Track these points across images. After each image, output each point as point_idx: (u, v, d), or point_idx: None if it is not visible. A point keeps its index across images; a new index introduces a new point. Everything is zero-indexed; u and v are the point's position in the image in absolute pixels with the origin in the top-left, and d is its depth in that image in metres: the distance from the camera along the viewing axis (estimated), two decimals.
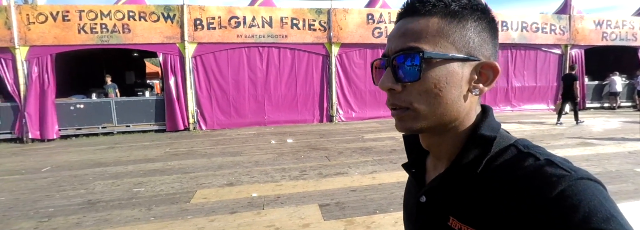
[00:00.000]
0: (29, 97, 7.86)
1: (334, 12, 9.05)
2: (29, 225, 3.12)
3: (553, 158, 0.45)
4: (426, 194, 0.55)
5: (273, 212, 3.15)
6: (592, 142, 5.88)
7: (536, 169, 0.43)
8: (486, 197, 0.46)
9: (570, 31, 10.27)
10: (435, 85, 0.48)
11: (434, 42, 0.48)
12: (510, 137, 0.52)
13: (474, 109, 0.52)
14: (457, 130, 0.52)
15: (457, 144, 0.51)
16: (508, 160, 0.47)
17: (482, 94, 0.51)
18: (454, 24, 0.49)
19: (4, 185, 4.45)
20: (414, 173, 0.60)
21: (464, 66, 0.49)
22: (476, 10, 0.50)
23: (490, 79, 0.50)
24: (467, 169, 0.49)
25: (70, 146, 7.13)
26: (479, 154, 0.49)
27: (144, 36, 8.28)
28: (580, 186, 0.40)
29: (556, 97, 10.57)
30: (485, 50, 0.50)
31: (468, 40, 0.49)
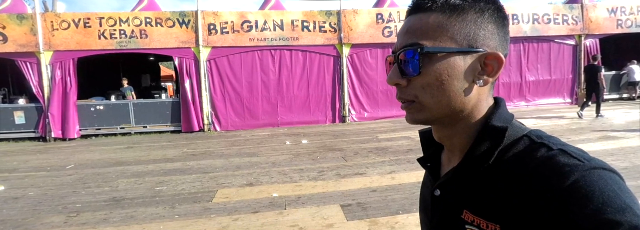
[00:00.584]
0: (52, 98, 8.12)
1: (343, 14, 9.12)
2: (59, 219, 3.24)
3: (566, 147, 0.45)
4: (440, 187, 0.55)
5: (295, 212, 3.20)
6: (615, 135, 5.79)
7: (549, 158, 0.43)
8: (499, 188, 0.46)
9: (583, 21, 10.03)
10: (436, 79, 0.49)
11: (433, 36, 0.49)
12: (524, 128, 0.51)
13: (483, 101, 0.52)
14: (468, 122, 0.52)
15: (468, 136, 0.52)
16: (521, 151, 0.47)
17: (487, 85, 0.51)
18: (453, 17, 0.49)
19: (32, 181, 4.61)
20: (429, 167, 0.61)
21: (465, 58, 0.49)
22: (478, 2, 0.50)
23: (495, 69, 0.50)
24: (479, 161, 0.49)
25: (91, 145, 7.33)
26: (491, 145, 0.49)
27: (161, 41, 8.49)
28: (594, 176, 0.40)
29: (572, 89, 10.38)
30: (489, 41, 0.50)
31: (468, 32, 0.49)
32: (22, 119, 8.23)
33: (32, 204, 3.71)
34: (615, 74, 10.70)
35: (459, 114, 0.51)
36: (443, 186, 0.55)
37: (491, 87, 0.53)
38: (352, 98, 9.26)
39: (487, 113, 0.52)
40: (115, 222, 3.13)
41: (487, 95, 0.52)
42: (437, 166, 0.60)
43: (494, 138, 0.49)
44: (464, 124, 0.52)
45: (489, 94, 0.53)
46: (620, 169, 4.01)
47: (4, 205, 3.68)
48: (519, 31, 9.83)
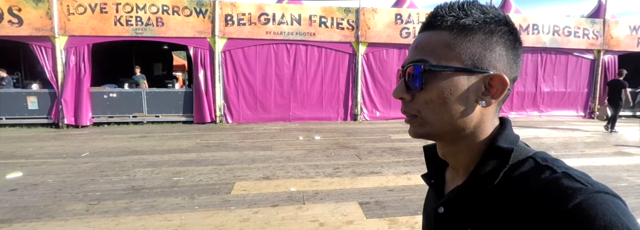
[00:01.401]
0: (66, 84, 8.15)
1: (362, 11, 9.05)
2: (81, 207, 3.27)
3: (570, 171, 0.45)
4: (444, 205, 0.55)
5: (314, 207, 3.21)
6: (629, 151, 5.73)
7: (553, 181, 0.43)
8: (503, 209, 0.46)
9: (603, 36, 9.99)
10: (439, 96, 0.50)
11: (440, 54, 0.50)
12: (529, 149, 0.52)
13: (487, 121, 0.52)
14: (471, 141, 0.52)
15: (472, 155, 0.52)
16: (525, 172, 0.47)
17: (490, 106, 0.51)
18: (460, 37, 0.50)
19: (49, 168, 4.65)
20: (433, 184, 0.61)
21: (470, 78, 0.50)
22: (489, 23, 0.50)
23: (499, 91, 0.50)
24: (484, 181, 0.49)
25: (104, 133, 7.37)
26: (497, 166, 0.49)
27: (177, 30, 8.48)
28: (597, 199, 0.40)
29: (586, 103, 10.31)
30: (496, 62, 0.50)
31: (474, 52, 0.49)
32: (35, 104, 8.29)
33: (52, 191, 3.74)
34: (631, 91, 10.59)
35: (460, 132, 0.52)
36: (447, 204, 0.55)
37: (497, 108, 0.53)
38: (365, 97, 9.24)
39: (493, 133, 0.52)
40: (136, 211, 3.15)
41: (493, 115, 0.53)
42: (441, 183, 0.61)
43: (500, 159, 0.49)
44: (468, 142, 0.52)
45: (494, 115, 0.53)
46: (636, 185, 3.97)
47: (24, 192, 3.71)
48: (538, 42, 9.73)
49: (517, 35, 0.52)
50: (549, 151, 5.62)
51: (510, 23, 0.52)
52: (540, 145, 6.07)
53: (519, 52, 0.52)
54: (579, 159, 5.20)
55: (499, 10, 0.52)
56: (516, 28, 0.52)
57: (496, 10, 0.51)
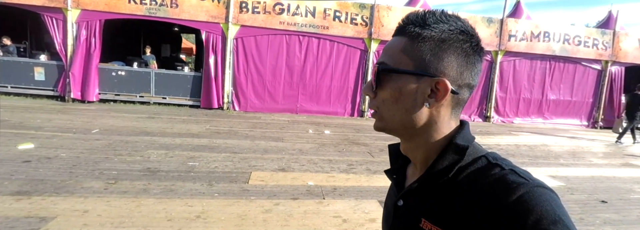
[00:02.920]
0: (75, 58, 8.02)
1: (377, 8, 8.99)
2: (99, 185, 3.25)
3: (516, 169, 0.51)
4: (403, 198, 0.60)
5: (335, 203, 3.22)
6: (637, 163, 5.83)
7: (500, 176, 0.49)
8: (455, 200, 0.51)
9: (612, 47, 10.06)
10: (392, 95, 0.56)
11: (396, 58, 0.56)
12: (482, 149, 0.57)
13: (441, 121, 0.56)
14: (427, 139, 0.57)
15: (429, 152, 0.57)
16: (478, 168, 0.52)
17: (436, 107, 0.55)
18: (415, 44, 0.55)
19: (60, 141, 4.60)
20: (395, 179, 0.65)
21: (419, 81, 0.54)
22: (443, 32, 0.54)
23: (442, 95, 0.54)
24: (440, 175, 0.54)
25: (111, 111, 7.29)
26: (453, 161, 0.54)
27: (190, 13, 8.35)
28: (536, 193, 0.46)
29: (590, 113, 10.42)
30: (445, 68, 0.54)
31: (424, 58, 0.54)
32: (42, 75, 8.15)
33: (67, 166, 3.70)
34: None
35: (411, 129, 0.57)
36: (406, 197, 0.59)
37: (452, 111, 0.57)
38: None
39: (451, 133, 0.57)
40: (156, 194, 3.14)
41: (449, 117, 0.57)
42: (403, 178, 0.65)
43: (456, 155, 0.54)
44: (423, 140, 0.57)
45: (450, 117, 0.57)
46: None
47: (38, 165, 3.67)
48: (548, 49, 9.78)
49: (474, 45, 0.55)
50: (557, 160, 5.71)
51: (469, 33, 0.55)
52: (549, 153, 6.15)
53: (473, 60, 0.56)
54: (588, 168, 5.29)
55: (460, 20, 0.56)
56: (476, 38, 0.56)
57: (456, 21, 0.55)
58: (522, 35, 9.74)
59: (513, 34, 9.69)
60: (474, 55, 0.56)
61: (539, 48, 9.71)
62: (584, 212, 3.42)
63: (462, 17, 0.57)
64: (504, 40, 9.63)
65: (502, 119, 10.01)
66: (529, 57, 9.90)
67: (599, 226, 3.10)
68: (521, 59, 9.89)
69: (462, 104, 0.58)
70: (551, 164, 5.44)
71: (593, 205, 3.63)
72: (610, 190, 4.19)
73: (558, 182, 4.41)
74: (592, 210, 3.49)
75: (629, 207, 3.65)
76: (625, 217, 3.37)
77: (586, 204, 3.68)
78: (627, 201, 3.86)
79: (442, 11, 0.56)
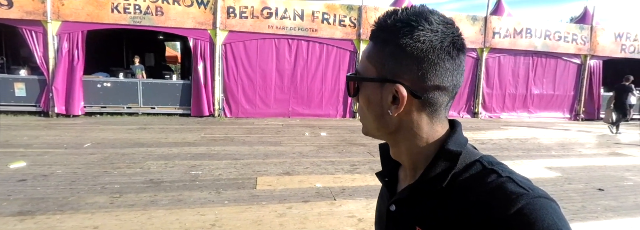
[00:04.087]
0: (57, 71, 7.76)
1: (364, 9, 9.09)
2: (103, 200, 3.15)
3: (514, 176, 0.48)
4: (395, 203, 0.57)
5: (347, 203, 3.23)
6: (623, 152, 6.08)
7: (498, 185, 0.46)
8: (451, 210, 0.49)
9: (590, 41, 10.43)
10: (363, 102, 0.55)
11: (364, 65, 0.55)
12: (476, 152, 0.54)
13: (416, 127, 0.53)
14: (409, 145, 0.55)
15: (416, 158, 0.55)
16: (473, 175, 0.50)
17: (400, 114, 0.52)
18: (377, 48, 0.53)
19: (53, 158, 4.44)
20: (387, 182, 0.63)
21: (382, 88, 0.52)
22: (402, 34, 0.50)
23: (400, 101, 0.51)
24: (433, 182, 0.52)
25: (99, 124, 7.09)
26: (446, 168, 0.51)
27: (177, 20, 8.24)
28: (537, 204, 0.43)
29: (572, 106, 10.78)
30: (404, 74, 0.51)
31: (384, 63, 0.52)
32: (23, 91, 7.85)
33: (65, 182, 3.57)
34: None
35: (390, 136, 0.56)
36: (398, 203, 0.57)
37: (428, 115, 0.53)
38: None
39: (442, 138, 0.54)
40: (165, 205, 3.07)
41: (425, 122, 0.53)
42: (395, 181, 0.63)
43: (449, 161, 0.52)
44: (405, 146, 0.55)
45: (430, 121, 0.54)
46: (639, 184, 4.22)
47: (35, 183, 3.53)
48: (531, 45, 10.10)
49: (437, 42, 0.50)
50: (549, 152, 5.89)
51: (433, 30, 0.50)
52: (540, 146, 6.34)
53: (435, 60, 0.50)
54: (580, 158, 5.47)
55: (428, 17, 0.50)
56: (441, 35, 0.50)
57: (421, 18, 0.50)
58: (506, 32, 10.04)
59: (497, 31, 9.97)
60: (438, 53, 0.50)
61: (521, 44, 10.02)
62: (584, 200, 3.53)
63: (442, 14, 0.52)
64: (488, 37, 9.89)
65: (489, 115, 10.25)
66: (512, 53, 10.20)
67: (601, 213, 3.21)
68: (505, 56, 10.18)
69: (440, 107, 0.53)
70: (544, 156, 5.60)
71: (591, 194, 3.76)
72: (605, 178, 4.35)
73: (555, 173, 4.55)
74: (591, 198, 3.61)
75: (625, 194, 3.80)
76: (623, 203, 3.50)
77: (585, 192, 3.81)
78: (622, 188, 4.02)
79: (406, 9, 0.51)
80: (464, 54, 0.53)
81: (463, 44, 0.53)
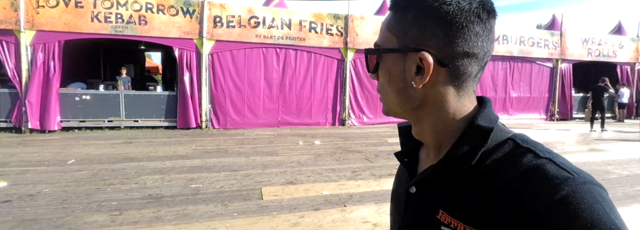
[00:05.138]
0: (31, 84, 7.35)
1: (351, 19, 9.24)
2: (103, 218, 2.96)
3: (554, 157, 0.43)
4: (416, 185, 0.53)
5: (358, 209, 3.19)
6: (600, 148, 6.42)
7: (536, 167, 0.41)
8: (480, 192, 0.44)
9: (561, 46, 11.05)
10: (384, 76, 0.51)
11: (384, 36, 0.51)
12: (508, 130, 0.49)
13: (443, 101, 0.49)
14: (434, 122, 0.51)
15: (441, 135, 0.51)
16: (505, 154, 0.45)
17: (425, 86, 0.48)
18: (397, 17, 0.49)
19: (37, 176, 4.15)
20: (406, 162, 0.59)
21: (404, 58, 0.48)
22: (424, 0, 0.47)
23: (426, 70, 0.47)
24: (461, 161, 0.47)
25: (79, 139, 6.72)
26: (475, 145, 0.46)
27: (161, 29, 8.04)
28: (584, 192, 0.38)
29: (547, 107, 11.31)
30: (428, 39, 0.47)
31: (406, 31, 0.48)
32: None
33: (56, 202, 3.33)
34: (583, 96, 11.80)
35: (413, 112, 0.52)
36: (420, 184, 0.53)
37: (455, 87, 0.49)
38: (353, 102, 9.36)
39: (471, 113, 0.50)
40: (171, 221, 2.92)
41: (452, 95, 0.49)
42: (415, 162, 0.59)
43: (479, 138, 0.47)
44: (430, 123, 0.51)
45: (456, 94, 0.49)
46: (625, 176, 4.46)
47: (23, 204, 3.27)
48: (508, 51, 10.60)
49: (465, 3, 0.46)
50: None
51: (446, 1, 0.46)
52: None
53: (464, 22, 0.46)
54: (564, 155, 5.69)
55: None
56: (457, 1, 0.46)
57: None
58: None
59: None
60: (466, 16, 0.46)
61: (500, 50, 10.47)
62: None
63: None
64: None
65: None
66: (492, 59, 10.59)
67: None
68: None
69: (469, 78, 0.49)
70: None
71: None
72: (590, 173, 4.50)
73: None
74: None
75: (613, 186, 4.01)
76: (614, 194, 3.67)
77: None
78: (609, 181, 4.22)
79: None
80: (495, 20, 0.49)
81: (493, 7, 0.48)
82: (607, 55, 11.72)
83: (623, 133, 8.50)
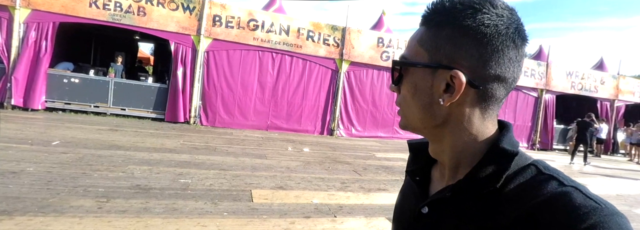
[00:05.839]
0: (20, 61, 7.13)
1: (348, 31, 9.44)
2: (90, 204, 2.90)
3: (579, 186, 0.43)
4: (430, 205, 0.52)
5: (348, 221, 3.24)
6: (582, 182, 6.68)
7: (563, 195, 0.41)
8: (500, 218, 0.43)
9: (546, 77, 11.49)
10: (408, 90, 0.51)
11: (412, 50, 0.51)
12: (528, 156, 0.49)
13: (467, 121, 0.49)
14: (454, 142, 0.50)
15: (460, 157, 0.50)
16: (529, 180, 0.45)
17: (451, 104, 0.48)
18: (430, 32, 0.49)
19: (20, 154, 4.02)
20: (418, 181, 0.58)
21: (434, 74, 0.48)
22: (461, 17, 0.46)
23: (456, 89, 0.47)
24: (483, 184, 0.46)
25: (63, 121, 6.53)
26: (499, 168, 0.46)
27: (159, 22, 8.01)
28: (612, 223, 0.37)
29: (529, 136, 11.68)
30: (462, 58, 0.47)
31: (439, 48, 0.48)
32: None
33: (41, 182, 3.24)
34: (564, 128, 12.30)
35: (434, 130, 0.51)
36: (434, 204, 0.51)
37: (481, 109, 0.49)
38: (343, 113, 9.48)
39: (493, 136, 0.50)
40: (160, 213, 2.89)
41: (477, 116, 0.49)
42: (426, 180, 0.58)
43: (503, 161, 0.46)
44: (450, 142, 0.51)
45: (481, 116, 0.50)
46: None
47: (5, 180, 3.17)
48: None
49: (503, 27, 0.46)
50: None
51: (499, 14, 0.46)
52: None
53: (500, 46, 0.46)
54: None
55: (488, 1, 0.47)
56: (506, 19, 0.46)
57: (482, 2, 0.46)
58: None
59: None
60: (503, 39, 0.46)
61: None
62: None
63: None
64: None
65: None
66: None
67: None
68: None
69: (495, 102, 0.49)
70: None
71: None
72: None
73: None
74: None
75: None
76: None
77: None
78: None
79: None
80: (526, 47, 0.49)
81: (526, 34, 0.48)
82: (589, 90, 12.14)
83: (601, 168, 8.86)
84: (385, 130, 9.85)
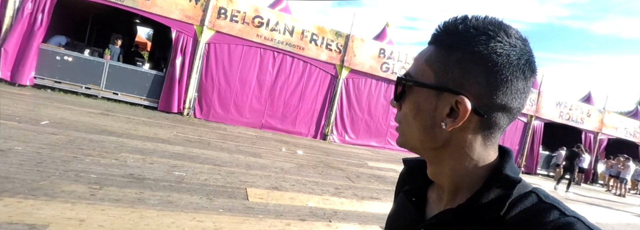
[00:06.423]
0: (12, 32, 6.85)
1: (351, 38, 9.47)
2: (82, 190, 2.78)
3: (580, 216, 0.43)
4: (428, 228, 0.51)
5: (342, 226, 3.21)
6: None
7: (566, 226, 0.41)
8: None
9: (537, 104, 11.78)
10: (410, 109, 0.50)
11: (421, 69, 0.50)
12: (527, 183, 0.49)
13: (468, 147, 0.48)
14: (454, 166, 0.49)
15: (460, 182, 0.50)
16: (530, 208, 0.44)
17: (453, 129, 0.47)
18: (440, 54, 0.48)
19: (8, 131, 3.83)
20: (415, 202, 0.57)
21: (439, 97, 0.48)
22: (475, 42, 0.46)
23: (461, 115, 0.46)
24: (486, 210, 0.46)
25: (52, 100, 6.29)
26: (502, 195, 0.46)
27: (163, 8, 7.84)
28: None
29: (516, 160, 11.91)
30: (470, 84, 0.46)
31: (448, 71, 0.47)
32: None
33: (30, 163, 3.10)
34: (548, 155, 12.61)
35: (434, 152, 0.50)
36: (433, 228, 0.51)
37: (483, 137, 0.49)
38: (338, 119, 9.47)
39: (494, 163, 0.49)
40: (155, 205, 2.80)
41: (478, 143, 0.49)
42: (423, 201, 0.57)
43: (506, 188, 0.46)
44: (449, 166, 0.50)
45: (483, 143, 0.49)
46: None
47: None
48: None
49: (515, 58, 0.46)
50: None
51: (511, 44, 0.46)
52: None
53: (509, 76, 0.46)
54: None
55: (507, 29, 0.46)
56: (519, 50, 0.46)
57: (499, 29, 0.46)
58: None
59: None
60: (513, 70, 0.45)
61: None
62: None
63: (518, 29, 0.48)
64: None
65: None
66: None
67: None
68: None
69: (498, 130, 0.48)
70: None
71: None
72: None
73: None
74: None
75: None
76: None
77: None
78: None
79: (485, 17, 0.47)
80: (534, 78, 0.49)
81: (536, 66, 0.48)
82: (575, 121, 12.53)
83: (581, 196, 9.09)
84: (378, 139, 9.88)
